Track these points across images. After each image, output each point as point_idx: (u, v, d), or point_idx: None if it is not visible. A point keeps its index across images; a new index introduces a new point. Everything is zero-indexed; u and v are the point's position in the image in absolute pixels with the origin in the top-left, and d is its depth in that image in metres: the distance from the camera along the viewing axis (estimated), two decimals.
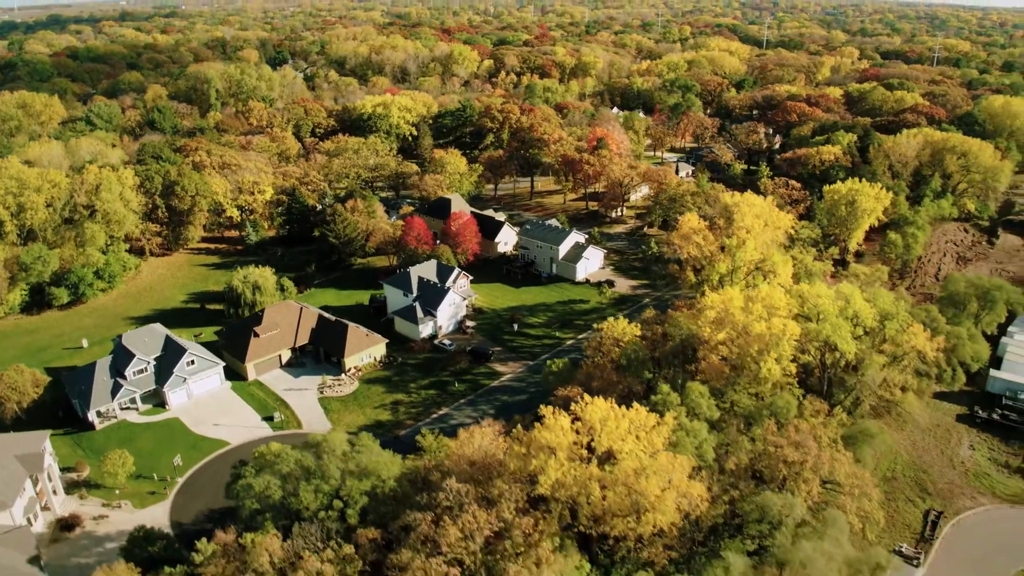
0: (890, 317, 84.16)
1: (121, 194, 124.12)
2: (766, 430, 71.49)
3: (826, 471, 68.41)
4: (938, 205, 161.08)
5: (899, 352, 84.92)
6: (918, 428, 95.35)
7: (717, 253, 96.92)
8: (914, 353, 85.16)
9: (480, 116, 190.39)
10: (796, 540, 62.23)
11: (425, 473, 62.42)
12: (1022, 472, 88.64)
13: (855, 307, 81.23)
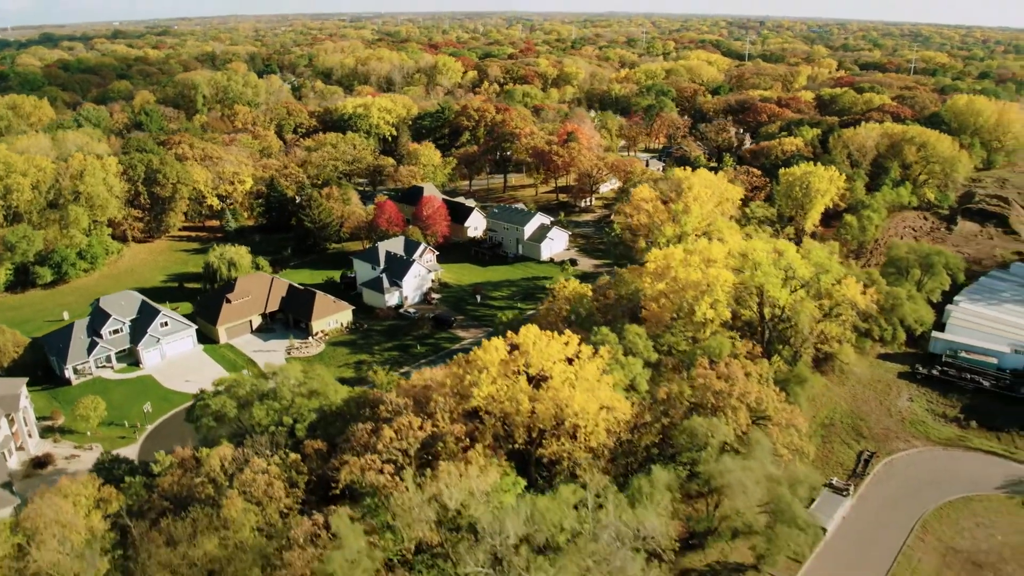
0: (824, 270, 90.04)
1: (104, 180, 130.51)
2: (699, 367, 76.96)
3: (752, 400, 73.65)
4: (897, 193, 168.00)
5: (833, 304, 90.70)
6: (860, 383, 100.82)
7: (667, 220, 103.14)
8: (847, 304, 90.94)
9: (457, 115, 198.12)
10: (719, 457, 67.40)
11: (373, 397, 67.66)
12: (958, 421, 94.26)
13: (788, 259, 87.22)
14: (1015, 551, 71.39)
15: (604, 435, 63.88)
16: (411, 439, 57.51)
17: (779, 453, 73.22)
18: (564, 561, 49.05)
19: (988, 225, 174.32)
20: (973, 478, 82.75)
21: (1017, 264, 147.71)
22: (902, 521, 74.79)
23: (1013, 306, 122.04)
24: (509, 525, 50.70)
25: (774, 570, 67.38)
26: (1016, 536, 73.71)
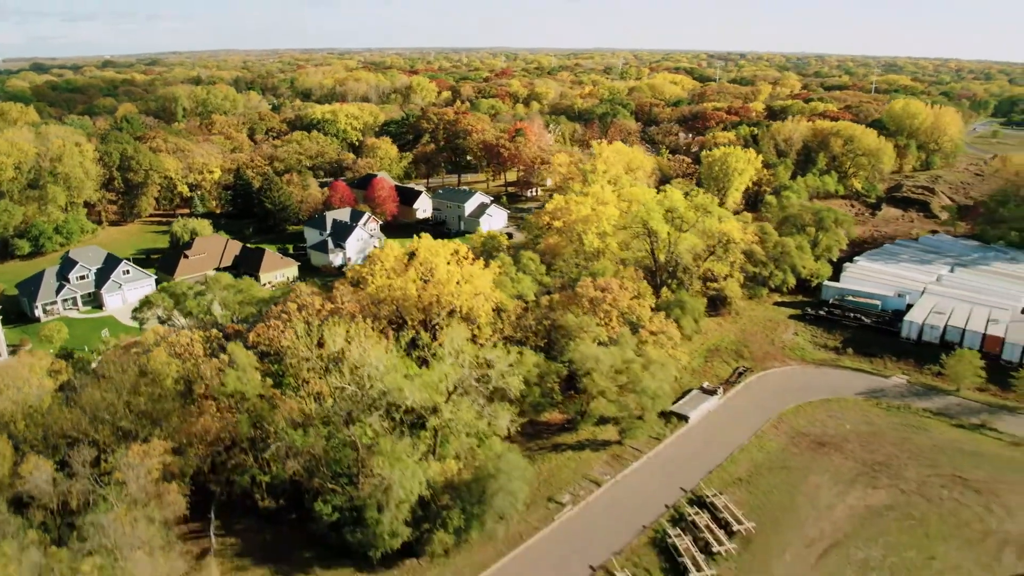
0: (707, 212, 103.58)
1: (81, 164, 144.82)
2: (582, 282, 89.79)
3: (624, 307, 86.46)
4: (822, 180, 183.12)
5: (716, 242, 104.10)
6: (752, 322, 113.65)
7: (577, 178, 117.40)
8: (732, 245, 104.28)
9: (418, 119, 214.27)
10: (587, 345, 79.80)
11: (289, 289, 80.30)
12: (836, 349, 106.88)
13: (672, 200, 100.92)
14: (859, 435, 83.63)
15: (486, 318, 76.42)
16: (313, 313, 70.00)
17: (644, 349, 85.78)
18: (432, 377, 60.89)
19: (910, 210, 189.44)
20: (837, 387, 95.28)
21: (925, 236, 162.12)
22: (761, 415, 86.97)
23: (908, 264, 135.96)
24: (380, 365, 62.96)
25: (636, 444, 79.40)
26: (863, 425, 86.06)
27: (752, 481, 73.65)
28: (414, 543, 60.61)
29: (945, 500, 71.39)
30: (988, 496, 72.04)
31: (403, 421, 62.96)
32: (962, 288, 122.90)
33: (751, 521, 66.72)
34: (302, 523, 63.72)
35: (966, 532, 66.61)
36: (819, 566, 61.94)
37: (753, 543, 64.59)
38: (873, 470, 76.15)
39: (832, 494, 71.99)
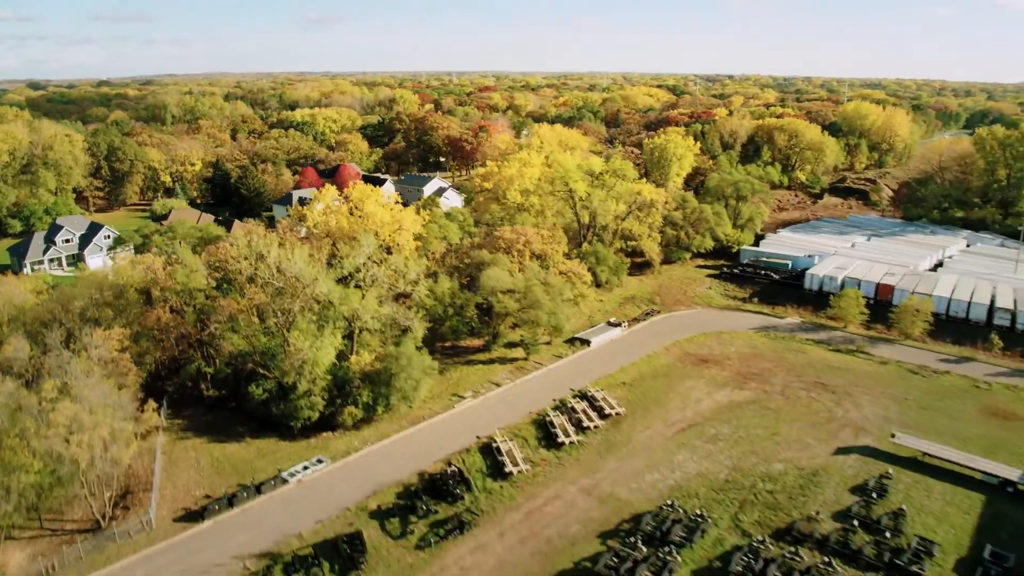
0: (623, 175, 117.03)
1: (71, 152, 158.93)
2: (500, 229, 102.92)
3: (537, 248, 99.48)
4: (766, 171, 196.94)
5: (632, 202, 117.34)
6: (672, 279, 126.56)
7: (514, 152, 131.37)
8: (643, 202, 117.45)
9: (391, 120, 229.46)
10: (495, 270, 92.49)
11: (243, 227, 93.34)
12: (743, 299, 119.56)
13: (591, 165, 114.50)
14: (741, 355, 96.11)
15: (409, 250, 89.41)
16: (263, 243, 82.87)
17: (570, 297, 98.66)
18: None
19: (850, 199, 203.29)
20: (734, 324, 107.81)
21: (854, 216, 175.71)
22: (657, 342, 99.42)
23: (829, 235, 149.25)
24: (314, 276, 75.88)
25: (540, 359, 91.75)
26: (747, 349, 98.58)
27: (634, 385, 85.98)
28: (329, 417, 72.86)
29: (802, 398, 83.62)
30: (841, 395, 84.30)
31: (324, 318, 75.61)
32: (870, 252, 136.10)
33: (624, 408, 79.06)
34: (240, 408, 76.02)
35: (813, 418, 78.73)
36: (674, 438, 74.07)
37: (622, 423, 76.78)
38: (745, 378, 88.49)
39: (702, 393, 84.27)
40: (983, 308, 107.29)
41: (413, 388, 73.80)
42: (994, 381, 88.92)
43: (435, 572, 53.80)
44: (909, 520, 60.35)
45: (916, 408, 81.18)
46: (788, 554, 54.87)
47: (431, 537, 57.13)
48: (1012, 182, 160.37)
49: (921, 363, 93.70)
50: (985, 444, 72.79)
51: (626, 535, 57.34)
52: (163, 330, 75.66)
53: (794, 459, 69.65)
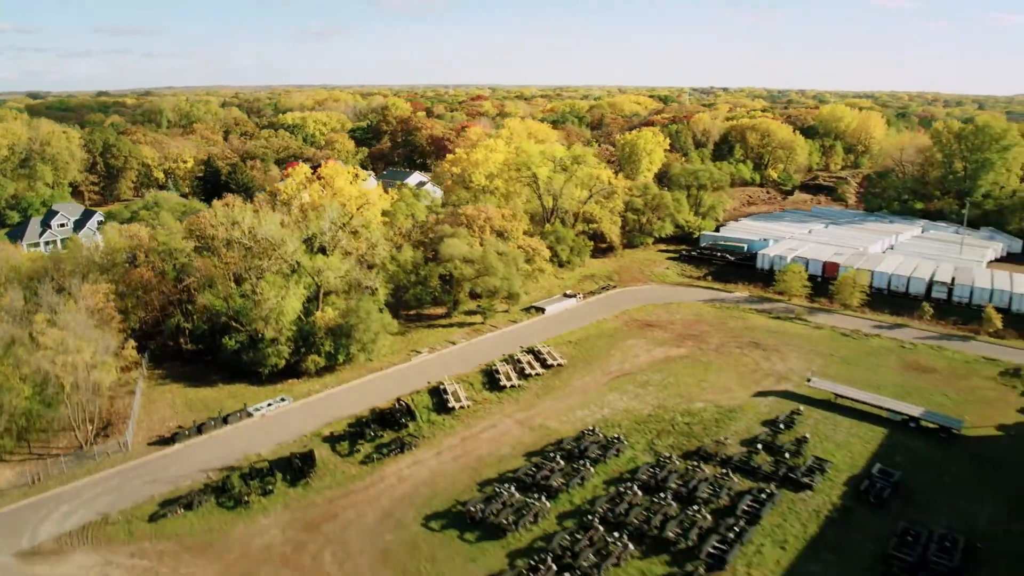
0: (582, 161, 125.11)
1: (68, 147, 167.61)
2: (463, 207, 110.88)
3: (497, 225, 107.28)
4: (737, 168, 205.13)
5: (592, 185, 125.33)
6: (632, 261, 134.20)
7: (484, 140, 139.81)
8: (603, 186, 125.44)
9: (378, 122, 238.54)
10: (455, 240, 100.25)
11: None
12: (698, 278, 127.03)
13: (553, 151, 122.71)
14: (685, 321, 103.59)
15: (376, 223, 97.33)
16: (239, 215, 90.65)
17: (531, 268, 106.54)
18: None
19: (820, 195, 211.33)
20: (684, 297, 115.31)
21: (817, 208, 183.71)
22: (608, 310, 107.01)
23: (789, 223, 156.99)
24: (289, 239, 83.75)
25: (495, 323, 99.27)
26: (691, 316, 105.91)
27: (580, 343, 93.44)
28: (295, 365, 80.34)
29: (734, 354, 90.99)
30: (771, 352, 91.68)
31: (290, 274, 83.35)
32: (825, 237, 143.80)
33: (566, 360, 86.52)
34: (215, 360, 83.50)
35: (740, 369, 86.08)
36: (608, 384, 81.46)
37: (563, 372, 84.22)
38: (684, 338, 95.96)
39: (641, 350, 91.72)
40: (922, 282, 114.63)
41: (372, 340, 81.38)
42: (920, 343, 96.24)
43: (375, 480, 61.13)
44: (811, 446, 67.55)
45: (840, 362, 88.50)
46: (690, 467, 62.14)
47: (375, 455, 64.53)
48: (968, 173, 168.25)
49: (855, 328, 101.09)
50: (898, 391, 79.92)
51: (549, 453, 64.65)
52: (146, 289, 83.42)
53: (715, 400, 76.99)
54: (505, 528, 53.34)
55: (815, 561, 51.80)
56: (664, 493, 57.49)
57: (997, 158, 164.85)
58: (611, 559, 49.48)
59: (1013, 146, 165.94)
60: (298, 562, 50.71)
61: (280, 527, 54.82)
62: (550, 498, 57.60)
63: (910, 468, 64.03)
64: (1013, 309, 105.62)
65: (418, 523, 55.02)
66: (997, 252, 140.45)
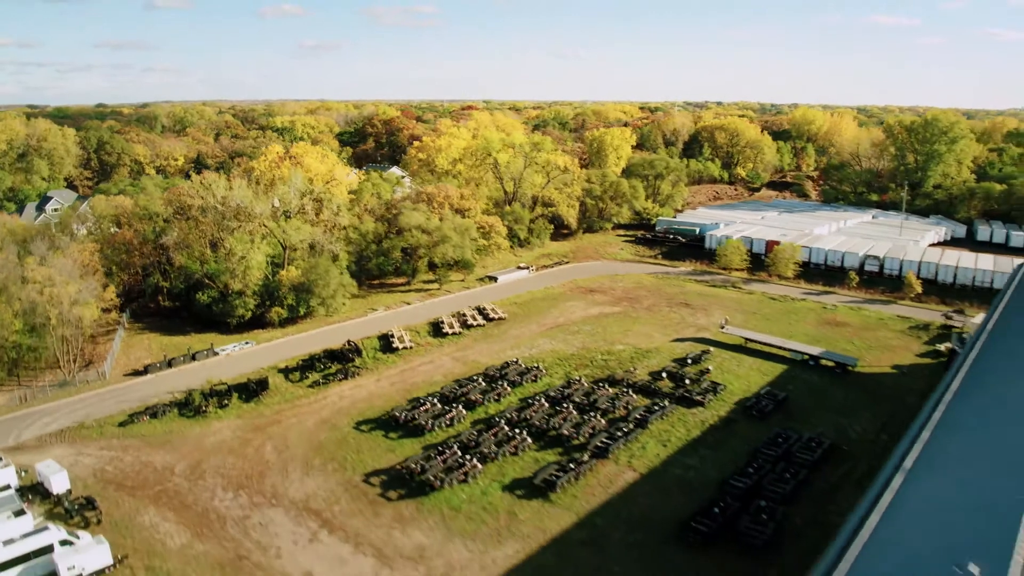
0: (540, 148, 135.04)
1: (63, 143, 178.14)
2: (424, 187, 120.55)
3: (456, 203, 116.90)
4: (706, 166, 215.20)
5: (550, 169, 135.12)
6: (590, 243, 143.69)
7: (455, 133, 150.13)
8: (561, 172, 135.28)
9: (364, 125, 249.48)
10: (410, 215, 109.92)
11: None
12: (650, 258, 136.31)
13: (512, 138, 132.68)
14: (625, 288, 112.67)
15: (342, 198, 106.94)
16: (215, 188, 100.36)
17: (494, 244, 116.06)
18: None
19: (785, 192, 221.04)
20: (630, 270, 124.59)
21: (778, 200, 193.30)
22: (557, 279, 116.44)
23: (744, 211, 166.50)
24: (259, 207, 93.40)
25: (449, 289, 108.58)
26: (632, 284, 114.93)
27: (524, 304, 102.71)
28: (260, 317, 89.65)
29: (664, 311, 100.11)
30: (697, 310, 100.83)
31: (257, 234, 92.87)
32: (775, 222, 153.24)
33: (507, 315, 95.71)
34: (190, 314, 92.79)
35: (666, 322, 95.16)
36: (541, 333, 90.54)
37: (503, 324, 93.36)
38: (621, 300, 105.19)
39: (579, 309, 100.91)
40: (856, 257, 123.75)
41: (331, 296, 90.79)
42: (842, 305, 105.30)
43: (319, 399, 70.23)
44: (712, 376, 76.45)
45: (761, 318, 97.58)
46: (596, 387, 71.14)
47: (321, 381, 73.68)
48: (919, 165, 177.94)
49: (784, 294, 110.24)
50: (808, 339, 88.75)
51: (474, 378, 73.71)
52: (128, 251, 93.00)
53: (635, 343, 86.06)
54: (424, 428, 62.37)
55: (692, 456, 60.57)
56: (567, 404, 66.51)
57: (946, 150, 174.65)
58: (509, 447, 58.42)
59: (960, 138, 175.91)
60: (242, 452, 59.73)
61: (231, 430, 63.87)
62: (468, 408, 66.64)
63: (799, 393, 72.80)
64: (939, 279, 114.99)
65: (351, 426, 64.08)
66: (940, 236, 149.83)
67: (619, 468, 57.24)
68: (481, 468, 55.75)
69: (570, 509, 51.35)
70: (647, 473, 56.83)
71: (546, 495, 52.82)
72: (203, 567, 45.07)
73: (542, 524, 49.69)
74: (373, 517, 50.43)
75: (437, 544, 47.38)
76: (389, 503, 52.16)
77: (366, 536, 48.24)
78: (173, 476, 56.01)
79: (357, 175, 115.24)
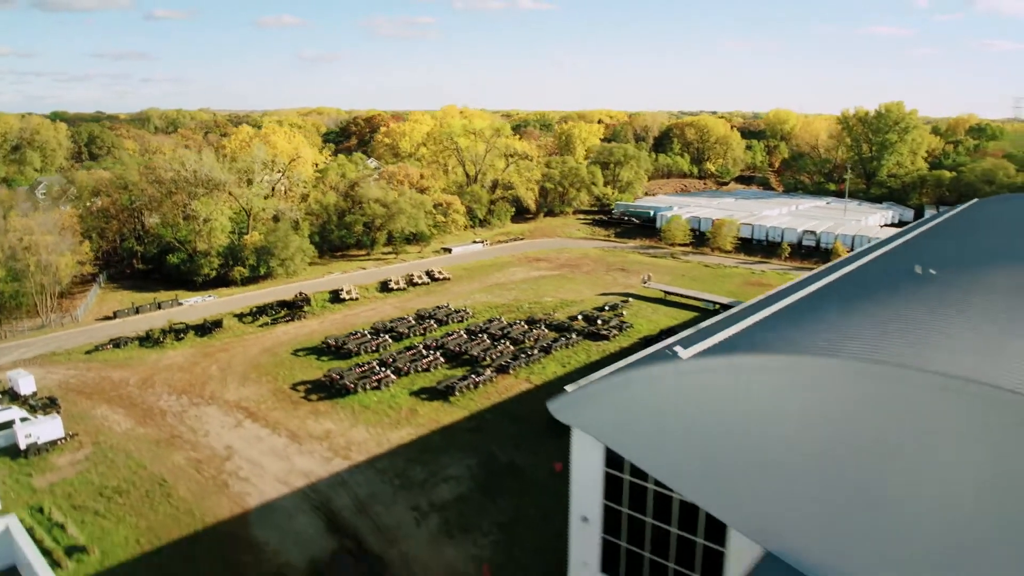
0: (500, 132, 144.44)
1: (55, 136, 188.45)
2: (389, 167, 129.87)
3: (416, 182, 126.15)
4: (675, 160, 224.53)
5: (510, 153, 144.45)
6: (549, 224, 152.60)
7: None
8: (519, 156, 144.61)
9: (348, 124, 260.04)
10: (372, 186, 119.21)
11: None
12: (604, 238, 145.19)
13: (473, 124, 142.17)
14: (570, 257, 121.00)
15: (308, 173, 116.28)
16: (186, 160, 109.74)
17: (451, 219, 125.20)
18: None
19: (752, 185, 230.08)
20: (582, 246, 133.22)
21: (740, 190, 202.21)
22: (510, 252, 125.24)
23: (703, 199, 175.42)
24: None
25: (405, 258, 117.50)
26: (577, 255, 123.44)
27: (470, 268, 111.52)
28: (224, 276, 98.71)
29: (600, 274, 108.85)
30: (632, 274, 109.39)
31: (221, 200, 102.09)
32: (728, 206, 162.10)
33: (452, 277, 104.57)
34: (162, 276, 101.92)
35: (598, 282, 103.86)
36: (480, 289, 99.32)
37: (447, 283, 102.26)
38: (562, 267, 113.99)
39: (520, 272, 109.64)
40: (795, 232, 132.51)
41: (290, 258, 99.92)
42: (770, 271, 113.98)
43: (265, 335, 79.11)
44: (625, 319, 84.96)
45: (689, 280, 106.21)
46: (513, 323, 79.79)
47: (270, 322, 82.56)
48: (873, 154, 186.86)
49: (719, 263, 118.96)
50: (726, 294, 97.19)
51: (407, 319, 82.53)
52: (106, 218, 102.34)
53: (563, 297, 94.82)
54: (352, 352, 71.16)
55: (586, 374, 69.03)
56: (483, 335, 75.23)
57: (897, 139, 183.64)
58: (422, 364, 67.15)
59: (912, 128, 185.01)
60: (190, 370, 68.57)
61: (184, 356, 72.74)
62: (396, 340, 75.41)
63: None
64: None
65: (288, 353, 72.95)
66: (887, 219, 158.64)
67: (517, 381, 65.88)
68: (395, 379, 64.49)
69: (465, 408, 59.97)
70: (541, 385, 65.40)
71: (446, 398, 61.48)
72: (141, 443, 53.81)
73: (437, 417, 58.34)
74: (292, 411, 59.20)
75: (343, 429, 56.08)
76: (308, 403, 60.93)
77: (283, 423, 56.99)
78: (127, 387, 64.85)
79: (324, 154, 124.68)
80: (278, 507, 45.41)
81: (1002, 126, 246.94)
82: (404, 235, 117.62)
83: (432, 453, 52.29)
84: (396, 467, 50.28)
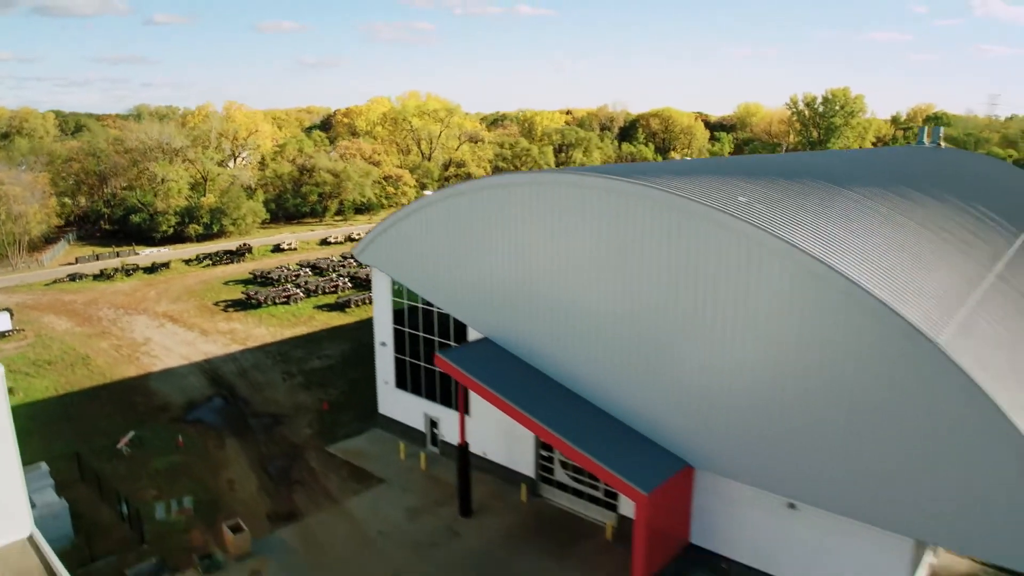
0: (452, 112, 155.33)
1: (43, 124, 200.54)
2: (342, 141, 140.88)
3: (367, 154, 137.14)
4: (639, 149, 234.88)
5: (461, 132, 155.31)
6: None
7: None
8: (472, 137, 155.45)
9: (329, 117, 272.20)
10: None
11: None
12: None
13: (427, 106, 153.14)
14: None
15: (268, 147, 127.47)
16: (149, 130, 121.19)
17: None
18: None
19: None
20: None
21: None
22: None
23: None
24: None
25: (353, 224, 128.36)
26: None
27: None
28: (181, 233, 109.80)
29: None
30: None
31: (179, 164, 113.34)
32: None
33: None
34: (126, 235, 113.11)
35: None
36: None
37: None
38: None
39: None
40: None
41: (241, 218, 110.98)
42: None
43: (205, 272, 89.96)
44: None
45: None
46: None
47: (212, 264, 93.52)
48: (821, 138, 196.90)
49: None
50: None
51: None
52: (77, 182, 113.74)
53: None
54: (275, 280, 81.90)
55: None
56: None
57: (843, 123, 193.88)
58: (330, 286, 77.80)
59: (857, 112, 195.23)
60: (132, 294, 79.51)
61: (129, 286, 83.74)
62: (319, 275, 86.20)
63: None
64: None
65: (221, 283, 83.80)
66: None
67: None
68: (304, 297, 75.23)
69: (356, 316, 70.59)
70: None
71: (343, 309, 72.12)
72: (76, 336, 64.65)
73: (330, 322, 69.00)
74: (209, 317, 70.01)
75: (247, 328, 66.82)
76: (224, 313, 71.74)
77: (198, 324, 67.78)
78: (75, 304, 75.83)
79: (284, 131, 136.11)
80: (175, 372, 56.13)
81: (959, 116, 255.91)
82: (354, 204, 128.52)
83: (316, 343, 62.92)
84: (282, 350, 60.95)
